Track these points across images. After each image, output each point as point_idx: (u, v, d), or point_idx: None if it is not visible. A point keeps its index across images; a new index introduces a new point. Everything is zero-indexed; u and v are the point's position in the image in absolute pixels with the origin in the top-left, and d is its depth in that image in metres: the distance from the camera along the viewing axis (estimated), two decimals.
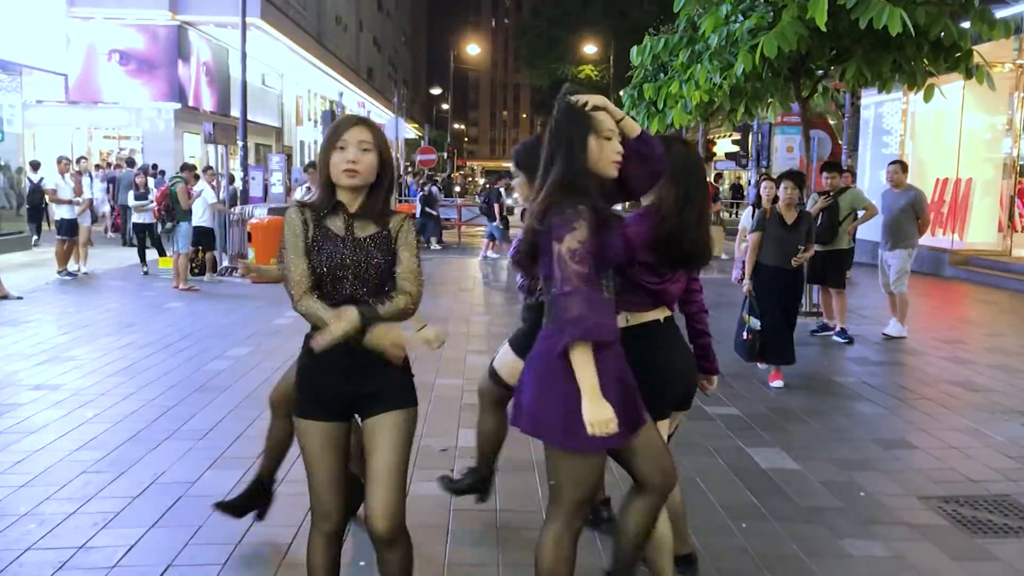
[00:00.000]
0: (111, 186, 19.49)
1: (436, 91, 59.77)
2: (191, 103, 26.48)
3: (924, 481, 4.81)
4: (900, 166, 9.38)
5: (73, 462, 4.78)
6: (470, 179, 70.51)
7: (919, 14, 8.19)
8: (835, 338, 8.81)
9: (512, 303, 10.87)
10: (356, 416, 2.72)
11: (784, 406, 6.36)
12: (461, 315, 10.26)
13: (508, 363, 3.74)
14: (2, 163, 17.20)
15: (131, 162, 18.57)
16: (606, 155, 2.59)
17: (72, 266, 12.52)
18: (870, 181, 17.58)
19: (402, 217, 2.67)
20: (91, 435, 5.29)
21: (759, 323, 6.61)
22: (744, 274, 6.91)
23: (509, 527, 4.04)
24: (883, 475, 4.88)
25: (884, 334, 9.03)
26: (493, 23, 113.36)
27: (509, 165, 4.21)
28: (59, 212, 12.68)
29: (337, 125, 2.59)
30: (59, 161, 13.01)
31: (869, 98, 18.55)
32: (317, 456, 2.62)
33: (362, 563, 3.57)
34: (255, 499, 3.88)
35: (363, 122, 2.61)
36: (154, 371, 7.03)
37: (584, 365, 2.44)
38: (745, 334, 6.68)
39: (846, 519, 4.21)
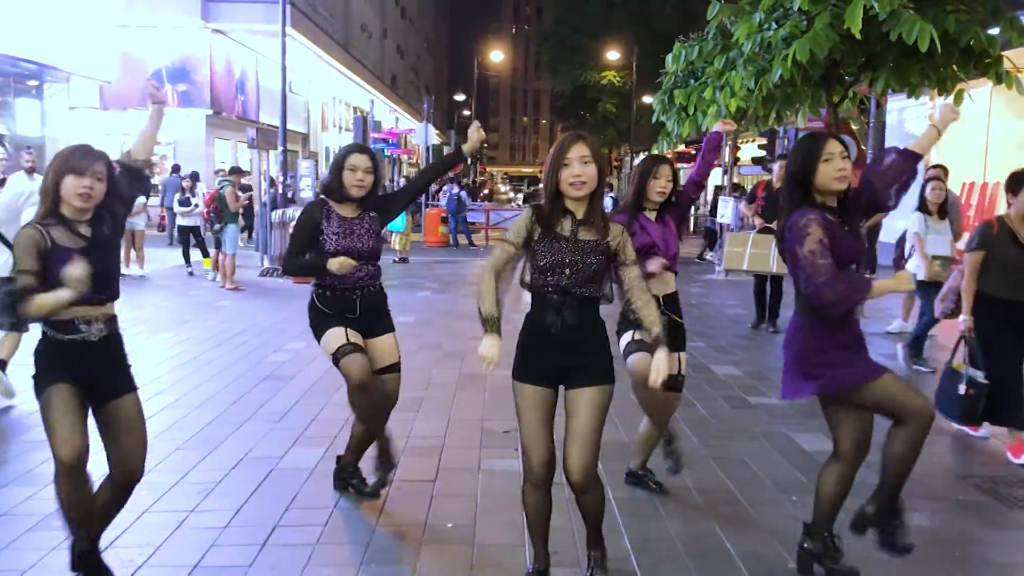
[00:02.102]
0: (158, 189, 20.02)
1: (460, 97, 60.25)
2: (221, 110, 27.02)
3: (966, 463, 5.10)
4: (941, 170, 9.65)
5: (166, 440, 5.15)
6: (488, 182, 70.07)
7: (949, 22, 8.47)
8: None
9: None
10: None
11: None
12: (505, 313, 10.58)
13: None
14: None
15: (176, 168, 19.10)
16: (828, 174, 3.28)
17: (123, 268, 12.97)
18: None
19: (619, 231, 3.18)
20: (175, 418, 5.67)
21: (982, 374, 5.07)
22: (958, 307, 5.41)
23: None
24: (926, 457, 5.06)
25: (887, 331, 9.38)
26: (514, 30, 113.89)
27: (536, 170, 4.69)
28: None
29: (561, 145, 3.09)
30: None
31: (894, 103, 18.78)
32: (527, 410, 3.15)
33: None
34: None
35: (581, 138, 3.10)
36: (219, 363, 7.41)
37: (877, 288, 3.16)
38: (963, 388, 5.12)
39: None
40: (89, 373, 3.13)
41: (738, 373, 7.42)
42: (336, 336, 4.02)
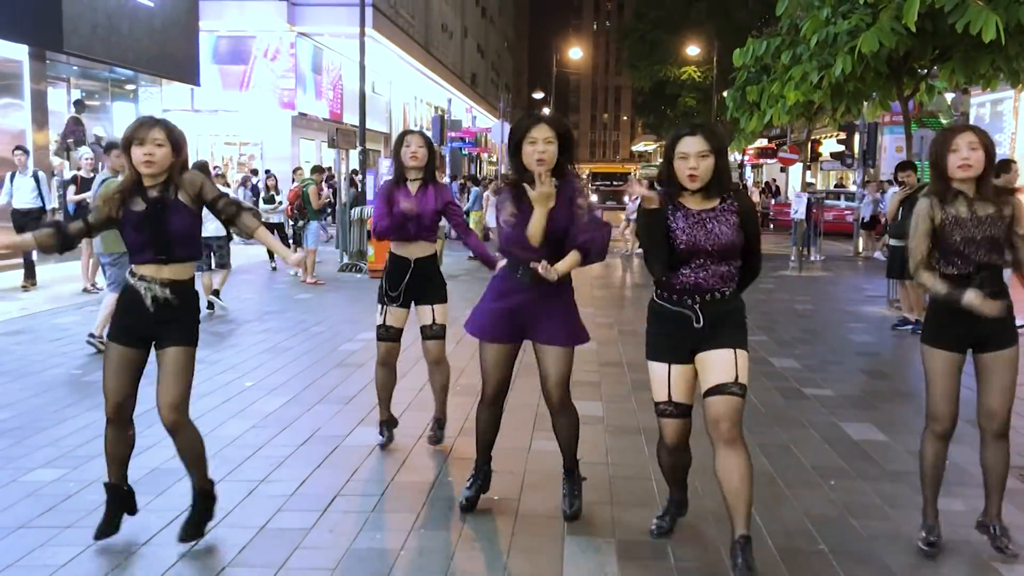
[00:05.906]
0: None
1: (538, 95, 60.68)
2: (306, 111, 27.90)
3: (1012, 455, 5.12)
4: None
5: (241, 419, 5.58)
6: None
7: (1022, 13, 8.38)
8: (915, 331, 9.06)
9: (620, 293, 11.38)
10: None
11: (878, 390, 6.73)
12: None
13: None
14: None
15: (254, 171, 20.02)
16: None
17: None
18: None
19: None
20: (252, 399, 6.10)
21: None
22: None
23: (617, 477, 4.60)
24: (970, 448, 5.18)
25: None
26: (594, 26, 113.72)
27: (619, 167, 4.78)
28: None
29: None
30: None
31: (980, 96, 18.33)
32: (936, 373, 3.74)
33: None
34: None
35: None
36: (296, 351, 7.86)
37: None
38: None
39: None
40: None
41: (796, 366, 7.51)
42: (664, 382, 3.44)
